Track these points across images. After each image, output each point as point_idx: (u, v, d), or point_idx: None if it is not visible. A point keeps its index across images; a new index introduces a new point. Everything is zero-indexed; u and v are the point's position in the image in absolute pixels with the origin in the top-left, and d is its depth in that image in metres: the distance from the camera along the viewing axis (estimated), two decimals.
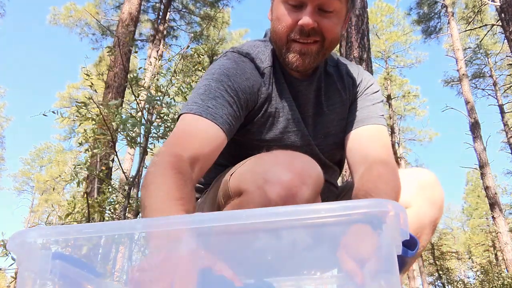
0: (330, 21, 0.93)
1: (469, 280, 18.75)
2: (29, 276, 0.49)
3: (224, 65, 0.98)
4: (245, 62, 1.01)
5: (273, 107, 1.03)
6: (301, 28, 0.92)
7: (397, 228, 0.46)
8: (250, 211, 0.48)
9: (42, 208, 26.79)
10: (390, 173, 0.92)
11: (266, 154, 0.83)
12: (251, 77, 0.99)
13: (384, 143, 1.03)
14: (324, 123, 1.09)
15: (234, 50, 1.04)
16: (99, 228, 0.51)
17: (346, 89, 1.10)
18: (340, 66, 1.13)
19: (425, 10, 16.48)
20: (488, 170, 12.73)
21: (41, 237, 0.50)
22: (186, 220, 0.51)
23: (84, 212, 2.71)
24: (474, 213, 27.91)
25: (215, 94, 0.92)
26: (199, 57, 3.59)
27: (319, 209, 0.47)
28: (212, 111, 0.89)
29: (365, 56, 4.34)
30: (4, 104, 27.70)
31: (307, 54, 0.95)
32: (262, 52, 1.05)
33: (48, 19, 14.26)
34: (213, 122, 0.88)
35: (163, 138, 3.04)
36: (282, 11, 0.94)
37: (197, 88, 0.96)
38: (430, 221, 0.98)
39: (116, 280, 1.85)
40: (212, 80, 0.94)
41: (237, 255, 0.56)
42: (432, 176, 1.01)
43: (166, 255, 0.50)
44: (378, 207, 0.46)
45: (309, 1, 0.90)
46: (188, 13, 13.98)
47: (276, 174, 0.74)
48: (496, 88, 18.01)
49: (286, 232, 0.51)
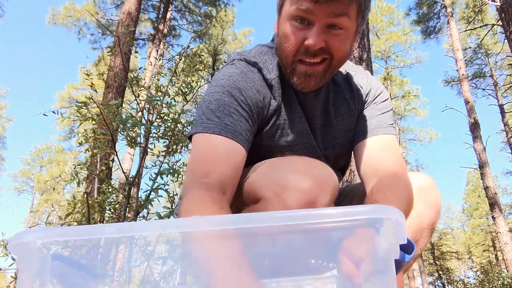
0: (338, 38, 0.89)
1: (469, 280, 18.73)
2: (28, 277, 0.49)
3: (233, 76, 0.94)
4: (253, 73, 0.97)
5: (282, 119, 1.00)
6: (307, 48, 0.88)
7: (395, 233, 0.47)
8: (245, 216, 0.49)
9: (42, 208, 26.80)
10: (401, 184, 0.92)
11: (281, 159, 0.82)
12: (261, 89, 0.96)
13: (395, 153, 1.01)
14: (332, 134, 1.07)
15: (241, 58, 1.00)
16: (100, 230, 0.51)
17: (354, 98, 1.08)
18: (349, 74, 1.10)
19: (425, 10, 16.47)
20: (488, 170, 12.73)
21: (40, 238, 0.50)
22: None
23: (84, 212, 2.71)
24: (474, 213, 27.91)
25: (230, 110, 0.88)
26: (200, 56, 3.58)
27: (320, 214, 0.47)
28: (231, 128, 0.86)
29: (365, 56, 4.34)
30: (6, 105, 27.71)
31: (313, 76, 0.92)
32: (270, 61, 1.01)
33: (47, 19, 14.26)
34: (234, 140, 0.85)
35: (163, 138, 3.04)
36: (289, 29, 0.90)
37: (207, 102, 0.91)
38: (428, 224, 0.99)
39: (116, 280, 1.85)
40: (224, 94, 0.90)
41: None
42: (430, 180, 1.01)
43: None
44: (377, 213, 0.47)
45: (317, 20, 0.86)
46: (189, 13, 13.98)
47: (295, 181, 0.73)
48: (497, 88, 18.01)
49: (283, 236, 0.51)
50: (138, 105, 3.09)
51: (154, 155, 3.04)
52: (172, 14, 13.46)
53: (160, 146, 3.12)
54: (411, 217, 0.94)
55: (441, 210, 1.02)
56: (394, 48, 20.50)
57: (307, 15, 0.86)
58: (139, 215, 2.99)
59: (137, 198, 3.04)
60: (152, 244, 2.35)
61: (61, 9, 14.17)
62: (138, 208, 2.90)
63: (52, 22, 14.26)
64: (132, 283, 1.78)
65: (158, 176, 2.82)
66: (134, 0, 7.55)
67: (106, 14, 13.34)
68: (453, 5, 15.75)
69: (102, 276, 0.62)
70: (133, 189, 3.35)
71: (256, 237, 0.52)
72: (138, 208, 2.90)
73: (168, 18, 12.59)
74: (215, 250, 0.57)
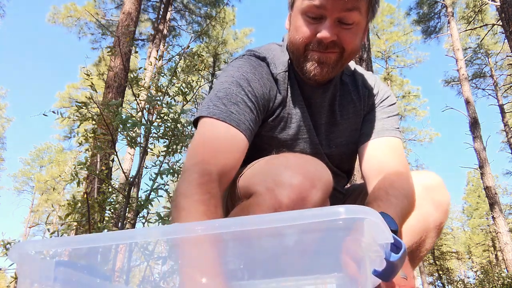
0: (349, 32, 0.91)
1: (469, 280, 18.74)
2: (31, 285, 0.49)
3: (242, 67, 0.97)
4: (262, 67, 1.00)
5: (286, 112, 1.02)
6: (319, 41, 0.90)
7: (372, 235, 0.47)
8: (234, 219, 0.49)
9: (42, 208, 26.81)
10: (404, 181, 0.91)
11: (276, 156, 0.83)
12: (268, 83, 0.98)
13: (400, 156, 1.01)
14: (336, 132, 1.08)
15: (251, 54, 1.03)
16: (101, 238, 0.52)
17: (361, 100, 1.09)
18: (357, 76, 1.11)
19: (425, 10, 16.46)
20: (488, 170, 12.72)
21: (44, 248, 0.50)
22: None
23: (84, 212, 2.71)
24: (474, 213, 27.91)
25: (237, 99, 0.90)
26: (200, 56, 3.58)
27: (294, 217, 0.48)
28: (235, 117, 0.87)
29: (365, 56, 4.34)
30: (6, 105, 27.71)
31: (326, 63, 0.93)
32: (278, 57, 1.03)
33: (47, 17, 14.26)
34: (237, 129, 0.87)
35: (163, 138, 3.04)
36: (301, 22, 0.92)
37: (216, 91, 0.93)
38: (435, 225, 0.97)
39: (116, 280, 1.85)
40: (232, 84, 0.92)
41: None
42: (438, 179, 1.00)
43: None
44: (353, 214, 0.46)
45: (329, 14, 0.88)
46: (189, 13, 13.99)
47: (287, 177, 0.73)
48: (497, 88, 18.00)
49: (264, 239, 0.51)
50: (138, 105, 3.09)
51: (154, 155, 3.04)
52: (172, 14, 13.47)
53: (160, 146, 3.12)
54: (416, 217, 0.93)
55: (449, 210, 1.00)
56: (395, 48, 20.51)
57: (320, 9, 0.88)
58: (139, 215, 2.99)
59: (137, 198, 3.04)
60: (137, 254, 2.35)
61: (62, 8, 14.19)
62: (138, 208, 2.90)
63: (52, 21, 14.26)
64: (132, 283, 1.78)
65: (158, 176, 2.82)
66: (134, 0, 7.55)
67: (106, 15, 13.36)
68: (453, 5, 15.75)
69: (108, 278, 0.62)
70: (133, 189, 3.35)
71: (233, 241, 0.52)
72: (138, 208, 2.90)
73: (168, 19, 12.59)
74: (188, 256, 0.58)
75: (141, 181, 4.31)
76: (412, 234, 0.94)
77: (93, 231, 2.66)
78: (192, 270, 0.58)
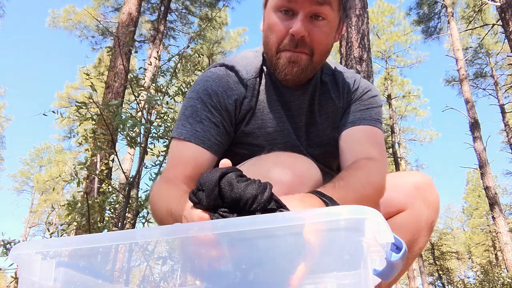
0: (321, 30, 0.92)
1: (469, 280, 18.75)
2: (32, 285, 0.49)
3: (208, 81, 1.00)
4: (229, 76, 1.02)
5: (259, 119, 1.03)
6: (291, 37, 0.91)
7: (373, 235, 0.48)
8: (217, 222, 0.50)
9: (41, 208, 26.81)
10: (373, 165, 0.91)
11: (266, 155, 0.83)
12: (235, 91, 1.01)
13: (376, 142, 1.00)
14: (316, 132, 1.08)
15: (220, 64, 1.06)
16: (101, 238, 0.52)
17: (340, 98, 1.09)
18: (337, 75, 1.11)
19: (425, 10, 16.47)
20: (488, 170, 12.72)
21: (44, 248, 0.50)
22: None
23: (84, 212, 2.71)
24: (474, 213, 27.91)
25: (202, 117, 0.96)
26: (199, 56, 3.59)
27: (290, 218, 0.48)
28: (200, 135, 0.95)
29: (365, 56, 4.34)
30: (4, 104, 27.71)
31: (296, 63, 0.94)
32: (250, 63, 1.05)
33: (47, 22, 14.28)
34: (202, 146, 0.94)
35: (163, 138, 3.04)
36: (274, 19, 0.94)
37: (184, 108, 1.00)
38: (426, 223, 0.99)
39: (116, 280, 1.85)
40: (198, 101, 0.98)
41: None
42: (427, 178, 1.01)
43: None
44: (355, 214, 0.47)
45: (300, 9, 0.90)
46: (188, 14, 14.00)
47: (277, 174, 0.74)
48: (497, 88, 18.01)
49: (264, 239, 0.51)
50: (138, 105, 3.09)
51: (154, 155, 3.04)
52: (171, 15, 13.47)
53: (160, 146, 3.12)
54: (409, 216, 0.94)
55: (439, 209, 1.01)
56: (395, 48, 20.49)
57: (291, 4, 0.91)
58: (139, 215, 2.99)
59: (137, 198, 3.04)
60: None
61: (61, 11, 14.19)
62: (138, 208, 2.90)
63: (53, 25, 14.28)
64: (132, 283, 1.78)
65: (158, 176, 2.82)
66: (135, 1, 7.55)
67: (106, 17, 13.37)
68: (453, 5, 15.75)
69: (108, 278, 0.62)
70: (133, 189, 3.35)
71: (233, 242, 0.52)
72: (138, 208, 2.90)
73: (167, 20, 12.59)
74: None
75: (141, 181, 4.30)
76: (406, 233, 0.95)
77: (93, 231, 2.66)
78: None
